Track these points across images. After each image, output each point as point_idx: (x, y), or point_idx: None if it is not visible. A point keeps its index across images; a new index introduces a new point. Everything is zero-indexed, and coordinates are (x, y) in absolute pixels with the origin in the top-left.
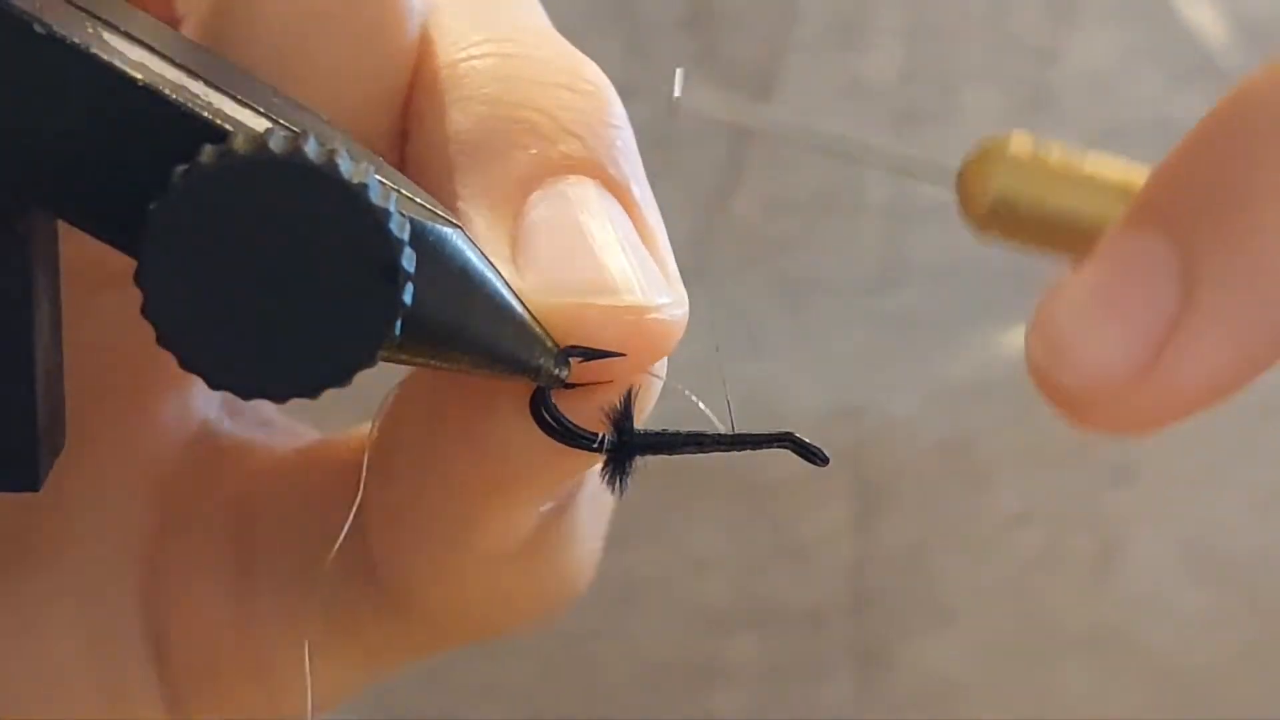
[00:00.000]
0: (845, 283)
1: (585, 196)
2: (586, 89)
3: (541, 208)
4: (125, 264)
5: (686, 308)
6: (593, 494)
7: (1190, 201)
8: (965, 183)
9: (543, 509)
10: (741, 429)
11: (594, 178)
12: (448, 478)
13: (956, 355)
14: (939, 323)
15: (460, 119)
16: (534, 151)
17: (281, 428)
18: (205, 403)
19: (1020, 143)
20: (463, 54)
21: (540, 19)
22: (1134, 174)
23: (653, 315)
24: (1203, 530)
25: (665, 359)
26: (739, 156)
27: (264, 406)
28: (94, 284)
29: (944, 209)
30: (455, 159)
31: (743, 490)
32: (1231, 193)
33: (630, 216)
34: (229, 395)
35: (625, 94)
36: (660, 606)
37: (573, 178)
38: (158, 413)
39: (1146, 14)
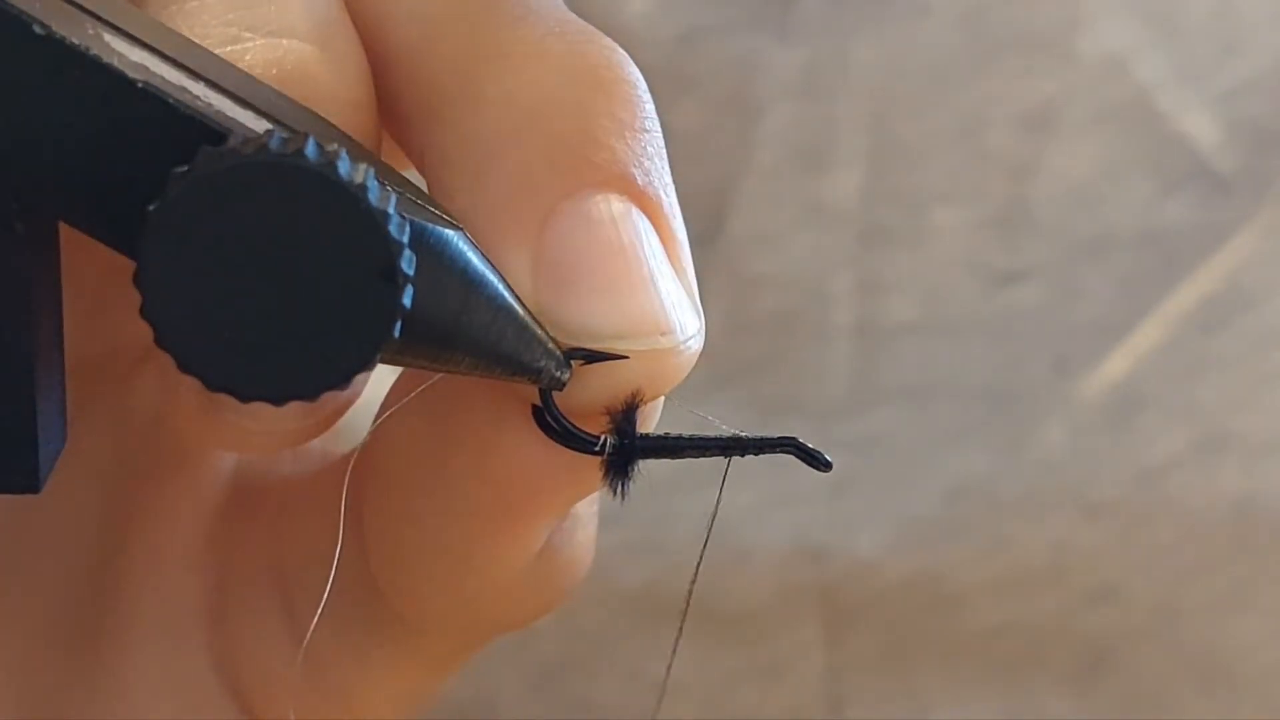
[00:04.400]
0: (813, 406)
1: (616, 217)
2: (621, 90)
3: (567, 228)
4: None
5: (704, 329)
6: None
7: None
8: None
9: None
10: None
11: (624, 192)
12: (453, 504)
13: (927, 483)
14: (910, 447)
15: (473, 122)
16: (560, 165)
17: (314, 450)
18: None
19: None
20: (477, 42)
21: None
22: None
23: (682, 352)
24: (1207, 639)
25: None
26: (700, 274)
27: None
28: (130, 361)
29: (913, 328)
30: (467, 166)
31: (707, 618)
32: None
33: (659, 232)
34: None
35: None
36: None
37: (601, 194)
38: (197, 476)
39: (1130, 121)
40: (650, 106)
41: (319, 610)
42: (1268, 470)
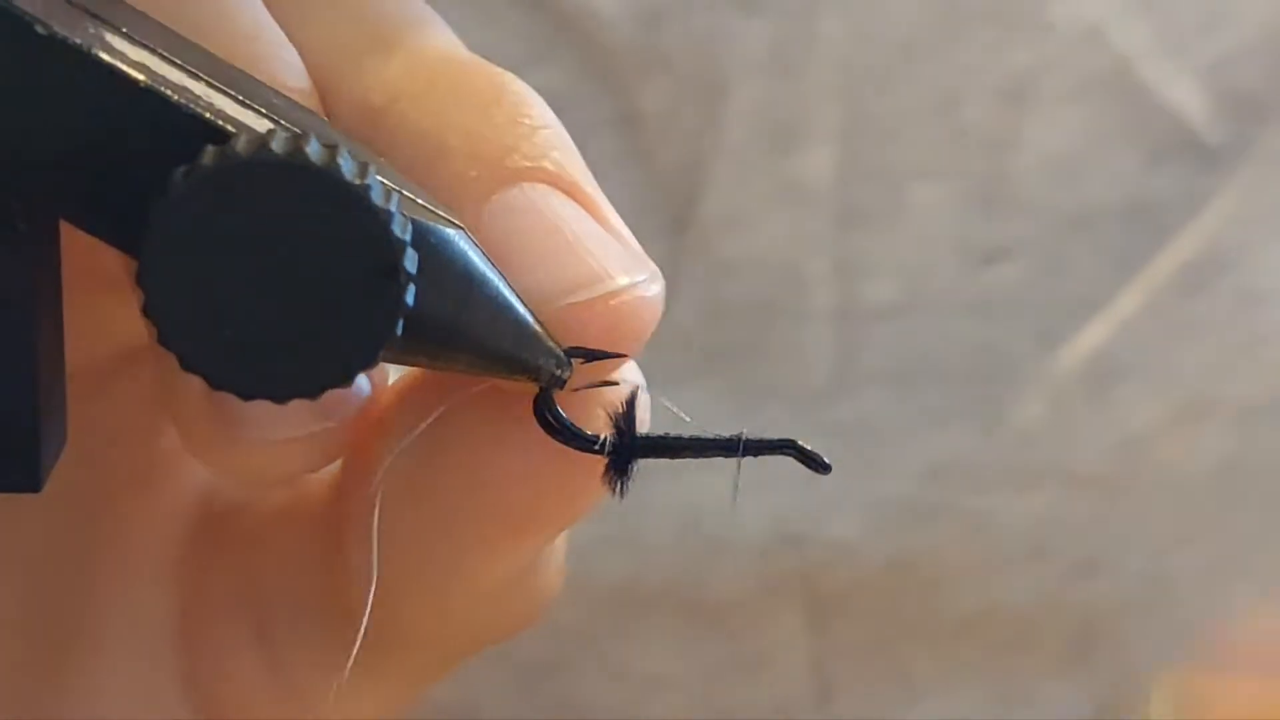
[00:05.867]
0: (793, 391)
1: (534, 199)
2: (512, 99)
3: (495, 219)
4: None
5: (663, 282)
6: None
7: None
8: None
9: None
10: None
11: (540, 181)
12: (442, 520)
13: (909, 465)
14: (893, 430)
15: (398, 157)
16: (474, 174)
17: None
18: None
19: None
20: (381, 94)
21: (437, 35)
22: None
23: (638, 293)
24: (1197, 609)
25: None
26: (674, 260)
27: None
28: (103, 375)
29: (894, 310)
30: None
31: (689, 610)
32: None
33: (582, 205)
34: None
35: None
36: None
37: (516, 187)
38: (169, 494)
39: (1109, 91)
40: (543, 108)
41: (360, 635)
42: (1252, 434)
